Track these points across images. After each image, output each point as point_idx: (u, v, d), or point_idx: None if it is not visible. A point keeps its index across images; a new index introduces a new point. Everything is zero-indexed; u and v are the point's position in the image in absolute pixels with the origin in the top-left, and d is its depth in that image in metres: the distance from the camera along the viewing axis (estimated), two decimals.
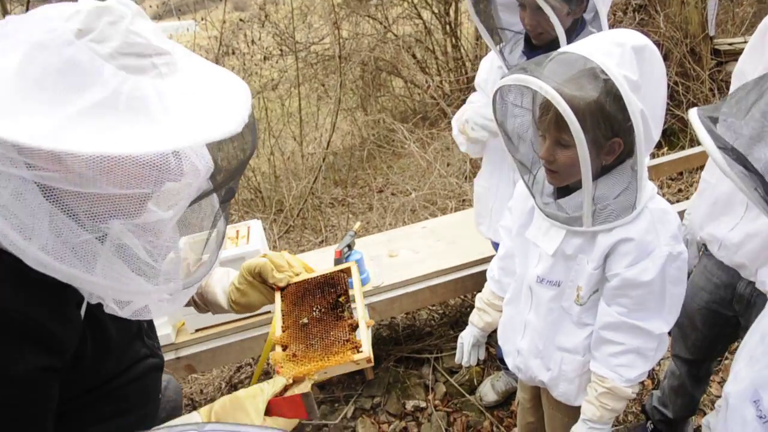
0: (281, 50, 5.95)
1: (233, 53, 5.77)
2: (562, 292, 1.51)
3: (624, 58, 1.25)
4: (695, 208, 1.86)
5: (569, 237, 1.44)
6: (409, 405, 2.72)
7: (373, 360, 1.21)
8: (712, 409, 2.42)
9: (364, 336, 1.24)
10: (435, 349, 2.93)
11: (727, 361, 2.67)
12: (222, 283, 1.46)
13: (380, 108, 6.40)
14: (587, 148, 1.23)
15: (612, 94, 1.23)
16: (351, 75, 6.21)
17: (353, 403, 2.73)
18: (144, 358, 1.18)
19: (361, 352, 1.21)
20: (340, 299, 1.38)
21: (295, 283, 1.42)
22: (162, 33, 0.91)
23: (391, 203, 4.50)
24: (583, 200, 1.35)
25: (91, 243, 0.85)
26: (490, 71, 2.14)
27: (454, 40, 5.99)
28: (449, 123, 2.45)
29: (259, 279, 1.43)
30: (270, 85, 5.92)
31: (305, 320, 1.34)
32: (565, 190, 1.44)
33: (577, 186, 1.38)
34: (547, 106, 1.33)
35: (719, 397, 2.02)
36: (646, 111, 1.27)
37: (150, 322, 1.29)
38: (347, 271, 1.44)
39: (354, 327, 1.29)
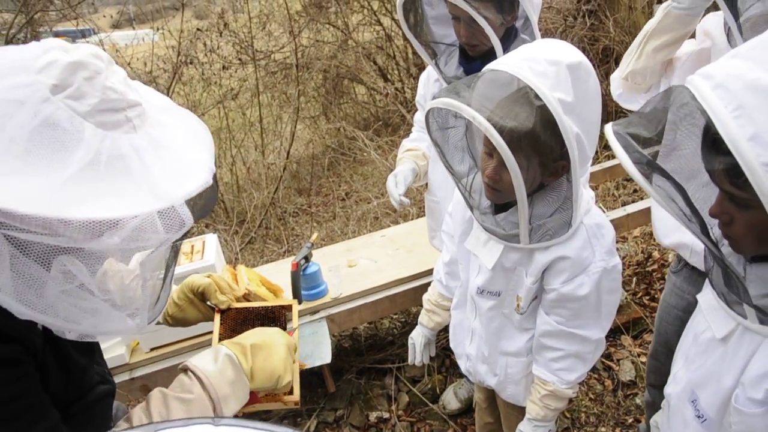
0: (240, 59, 5.90)
1: (191, 63, 5.69)
2: (503, 300, 1.53)
3: (559, 78, 1.19)
4: (659, 220, 1.81)
5: (507, 251, 1.45)
6: (373, 416, 2.72)
7: (300, 403, 1.31)
8: None
9: (296, 379, 1.29)
10: (397, 359, 2.93)
11: None
12: None
13: (343, 115, 6.39)
14: (521, 176, 1.21)
15: (546, 120, 1.19)
16: (313, 83, 6.19)
17: (316, 417, 2.72)
18: (97, 385, 1.16)
19: (292, 395, 1.27)
20: None
21: (236, 309, 1.44)
22: (131, 83, 0.92)
23: (354, 211, 4.50)
24: (519, 221, 1.34)
25: (53, 285, 0.84)
26: (426, 85, 2.15)
27: None
28: (410, 130, 2.47)
29: (200, 297, 1.44)
30: (230, 95, 5.86)
31: None
32: (502, 205, 1.43)
33: (514, 203, 1.37)
34: None
35: None
36: (581, 131, 1.23)
37: (98, 347, 1.26)
38: (288, 308, 1.49)
39: None
